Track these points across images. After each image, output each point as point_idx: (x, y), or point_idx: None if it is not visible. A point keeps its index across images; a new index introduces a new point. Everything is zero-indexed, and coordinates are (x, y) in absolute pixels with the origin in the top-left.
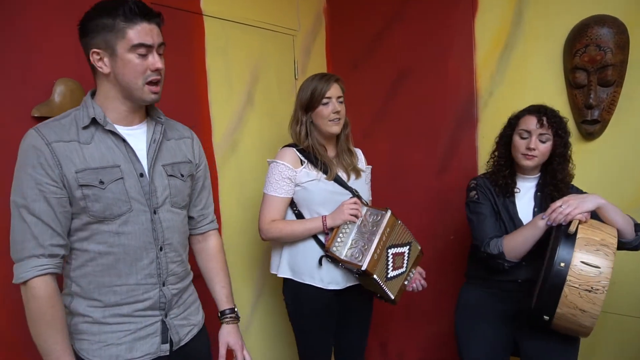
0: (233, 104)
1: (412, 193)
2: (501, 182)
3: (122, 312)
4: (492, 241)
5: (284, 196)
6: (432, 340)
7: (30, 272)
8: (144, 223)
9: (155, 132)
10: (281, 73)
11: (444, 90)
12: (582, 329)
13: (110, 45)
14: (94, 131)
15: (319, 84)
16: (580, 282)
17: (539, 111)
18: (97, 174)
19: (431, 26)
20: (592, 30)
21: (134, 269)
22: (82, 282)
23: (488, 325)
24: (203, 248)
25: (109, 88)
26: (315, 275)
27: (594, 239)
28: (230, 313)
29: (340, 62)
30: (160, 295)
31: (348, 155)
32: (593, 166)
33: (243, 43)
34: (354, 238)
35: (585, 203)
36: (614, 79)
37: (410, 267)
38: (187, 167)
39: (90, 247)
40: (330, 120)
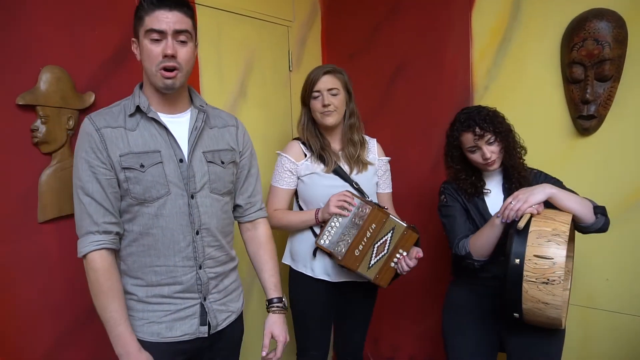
0: (225, 95)
1: (408, 186)
2: (470, 189)
3: (162, 292)
4: (460, 242)
5: (286, 187)
6: (425, 335)
7: (87, 247)
8: (182, 207)
9: (198, 119)
10: (275, 64)
11: (440, 84)
12: (552, 321)
13: (137, 33)
14: (139, 119)
15: (309, 78)
16: (536, 276)
17: (470, 125)
18: (139, 158)
19: (428, 19)
20: (590, 24)
21: (171, 251)
22: (128, 260)
23: (474, 322)
24: (253, 236)
25: (144, 76)
26: (307, 265)
27: (545, 229)
28: (278, 302)
29: (336, 54)
30: (197, 277)
31: (352, 146)
32: (589, 162)
33: (236, 33)
34: (343, 232)
35: (533, 195)
36: (611, 74)
37: (394, 248)
38: (229, 154)
39: (134, 228)
40: (321, 113)
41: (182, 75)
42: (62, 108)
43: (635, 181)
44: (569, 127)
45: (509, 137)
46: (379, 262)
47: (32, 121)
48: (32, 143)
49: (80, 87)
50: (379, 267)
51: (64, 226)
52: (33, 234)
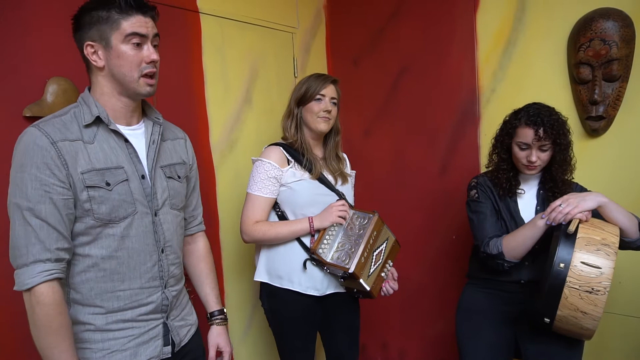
0: (230, 102)
1: (414, 191)
2: (505, 184)
3: (125, 317)
4: (491, 241)
5: (269, 196)
6: (433, 340)
7: (36, 278)
8: (147, 225)
9: (154, 132)
10: (280, 71)
11: (446, 88)
12: (584, 332)
13: (104, 36)
14: (96, 130)
15: (315, 81)
16: (580, 283)
17: (536, 123)
18: (103, 175)
19: (432, 22)
20: (596, 23)
21: (137, 273)
22: (82, 288)
23: (489, 326)
24: (192, 250)
25: (104, 84)
26: (294, 280)
27: (594, 238)
28: (220, 314)
29: (341, 60)
30: (163, 297)
31: (335, 161)
32: (598, 163)
33: (241, 41)
34: (340, 241)
35: (585, 202)
36: (619, 74)
37: (386, 258)
38: (182, 168)
39: (93, 252)
40: (319, 117)
41: (157, 82)
42: None
43: None
44: (577, 128)
45: (565, 152)
46: (375, 271)
47: None
48: None
49: None
50: (374, 276)
51: None
52: None
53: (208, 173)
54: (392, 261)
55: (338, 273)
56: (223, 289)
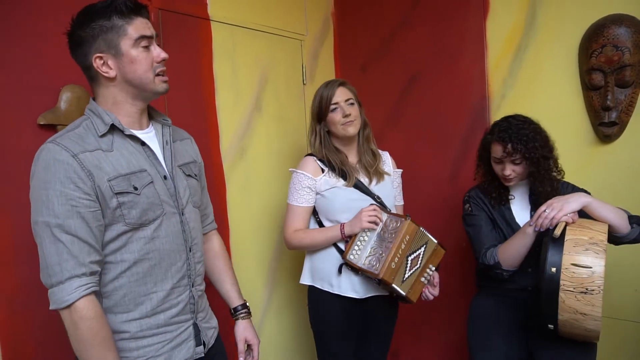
0: (241, 109)
1: (425, 198)
2: (494, 193)
3: (158, 321)
4: (487, 252)
5: (305, 205)
6: (444, 349)
7: (74, 294)
8: (175, 225)
9: (165, 134)
10: (289, 78)
11: (456, 94)
12: (589, 334)
13: (113, 45)
14: (112, 138)
15: (324, 92)
16: (574, 285)
17: (503, 139)
18: (129, 180)
19: (441, 29)
20: (608, 30)
21: (169, 273)
22: (115, 295)
23: (501, 335)
24: (208, 248)
25: (116, 92)
26: (333, 283)
27: (582, 238)
28: (243, 308)
29: (349, 66)
30: (190, 296)
31: (370, 157)
32: (611, 169)
33: (251, 48)
34: (373, 246)
35: (569, 204)
36: (632, 80)
37: (425, 263)
38: (195, 166)
39: (125, 257)
40: (342, 125)
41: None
42: None
43: None
44: (589, 134)
45: (540, 164)
46: (412, 276)
47: None
48: None
49: None
50: (412, 281)
51: None
52: None
53: (218, 180)
54: (434, 266)
55: (371, 277)
56: None
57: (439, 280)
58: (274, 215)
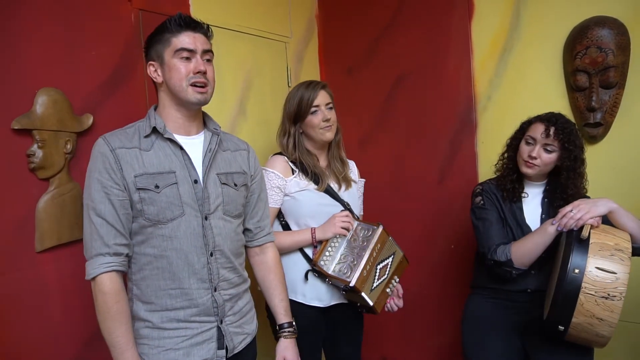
0: (225, 113)
1: (412, 201)
2: (509, 186)
3: (178, 316)
4: (499, 248)
5: (273, 206)
6: (434, 352)
7: (97, 269)
8: (196, 228)
9: (212, 142)
10: (274, 81)
11: (442, 96)
12: (599, 339)
13: (160, 54)
14: (154, 139)
15: (305, 93)
16: (596, 289)
17: (549, 120)
18: (154, 179)
19: (427, 31)
20: (592, 31)
21: (186, 273)
22: (141, 285)
23: (497, 337)
24: (261, 260)
25: (164, 97)
26: (297, 291)
27: (607, 243)
28: (289, 327)
29: (334, 69)
30: (212, 300)
31: (339, 163)
32: (597, 170)
33: (234, 50)
34: (342, 253)
35: (597, 207)
36: (616, 81)
37: (392, 274)
38: (241, 177)
39: (147, 251)
40: (321, 129)
41: (211, 92)
42: (59, 131)
43: None
44: None
45: (574, 161)
46: (379, 286)
47: (28, 146)
48: (29, 169)
49: (77, 110)
50: (378, 292)
51: (63, 255)
52: (31, 264)
53: None
54: (398, 277)
55: (340, 285)
56: None
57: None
58: None
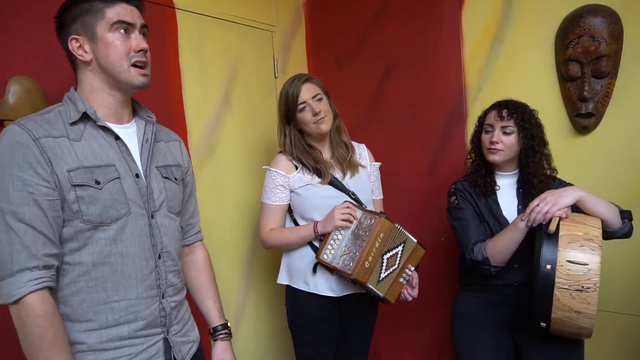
0: (210, 104)
1: (402, 192)
2: (479, 182)
3: (121, 333)
4: (475, 247)
5: (279, 204)
6: (426, 347)
7: (24, 288)
8: (143, 228)
9: (147, 131)
10: (260, 71)
11: (432, 87)
12: (582, 331)
13: (89, 27)
14: (83, 127)
15: (289, 91)
16: (570, 283)
17: (500, 104)
18: (92, 173)
19: (417, 20)
20: (585, 20)
21: (133, 281)
22: (73, 301)
23: (487, 332)
24: (192, 260)
25: (93, 79)
26: (309, 282)
27: (577, 234)
28: (224, 329)
29: (322, 60)
30: (160, 308)
31: (343, 149)
32: (589, 160)
33: (219, 39)
34: (347, 244)
35: (563, 198)
36: (608, 70)
37: (404, 263)
38: (178, 170)
39: (83, 259)
40: (314, 124)
41: (150, 74)
42: None
43: (636, 179)
44: (566, 125)
45: (533, 140)
46: (389, 276)
47: None
48: None
49: (52, 99)
50: (389, 282)
51: None
52: None
53: None
54: (413, 265)
55: (345, 277)
56: None
57: (418, 281)
58: (247, 215)
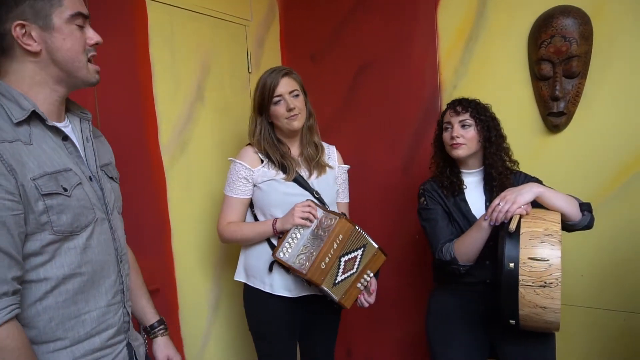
0: (181, 99)
1: (376, 190)
2: (446, 182)
3: (94, 345)
4: (444, 247)
5: (241, 197)
6: (400, 344)
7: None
8: (106, 233)
9: (84, 129)
10: (234, 66)
11: (407, 84)
12: (549, 325)
13: (41, 14)
14: (29, 129)
15: (267, 81)
16: (533, 280)
17: (454, 102)
18: (57, 180)
19: (393, 17)
20: (557, 20)
21: (103, 289)
22: (38, 321)
23: (462, 329)
24: None
25: (35, 72)
26: (265, 281)
27: (537, 230)
28: (161, 324)
29: (296, 55)
30: (125, 313)
31: (312, 148)
32: (560, 159)
33: (191, 32)
34: (305, 244)
35: (522, 196)
36: (579, 70)
37: (363, 268)
38: (114, 168)
39: (50, 274)
40: (286, 119)
41: None
42: None
43: (605, 176)
44: (538, 124)
45: (490, 131)
46: (346, 280)
47: None
48: None
49: None
50: (346, 286)
51: None
52: None
53: (158, 177)
54: (373, 272)
55: (300, 277)
56: (177, 301)
57: (376, 287)
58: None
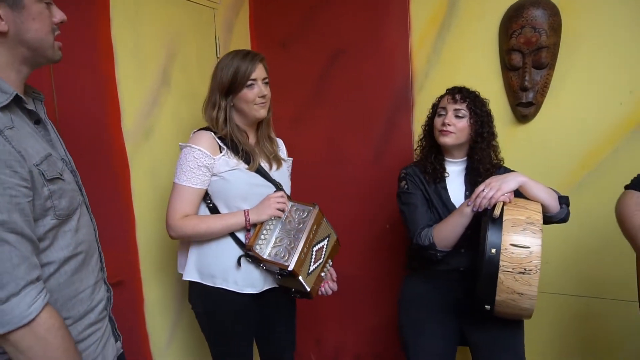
0: (146, 83)
1: (347, 180)
2: (429, 168)
3: (90, 320)
4: (422, 232)
5: (199, 187)
6: (369, 333)
7: (37, 303)
8: (86, 213)
9: (39, 111)
10: (201, 50)
11: (379, 73)
12: (523, 312)
13: None
14: (9, 114)
15: (242, 64)
16: (513, 266)
17: (454, 89)
18: (50, 165)
19: (365, 4)
20: (527, 11)
21: (90, 267)
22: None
23: (433, 317)
24: None
25: (2, 53)
26: (229, 278)
27: (519, 218)
28: None
29: (267, 41)
30: (106, 289)
31: (269, 143)
32: (528, 148)
33: (156, 13)
34: (278, 235)
35: (506, 183)
36: (547, 61)
37: (326, 258)
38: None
39: (53, 257)
40: (256, 104)
41: None
42: None
43: (571, 166)
44: (508, 114)
45: (483, 127)
46: (316, 270)
47: None
48: None
49: None
50: (315, 276)
51: None
52: None
53: (121, 164)
54: (332, 260)
55: (275, 270)
56: (142, 294)
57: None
58: None
